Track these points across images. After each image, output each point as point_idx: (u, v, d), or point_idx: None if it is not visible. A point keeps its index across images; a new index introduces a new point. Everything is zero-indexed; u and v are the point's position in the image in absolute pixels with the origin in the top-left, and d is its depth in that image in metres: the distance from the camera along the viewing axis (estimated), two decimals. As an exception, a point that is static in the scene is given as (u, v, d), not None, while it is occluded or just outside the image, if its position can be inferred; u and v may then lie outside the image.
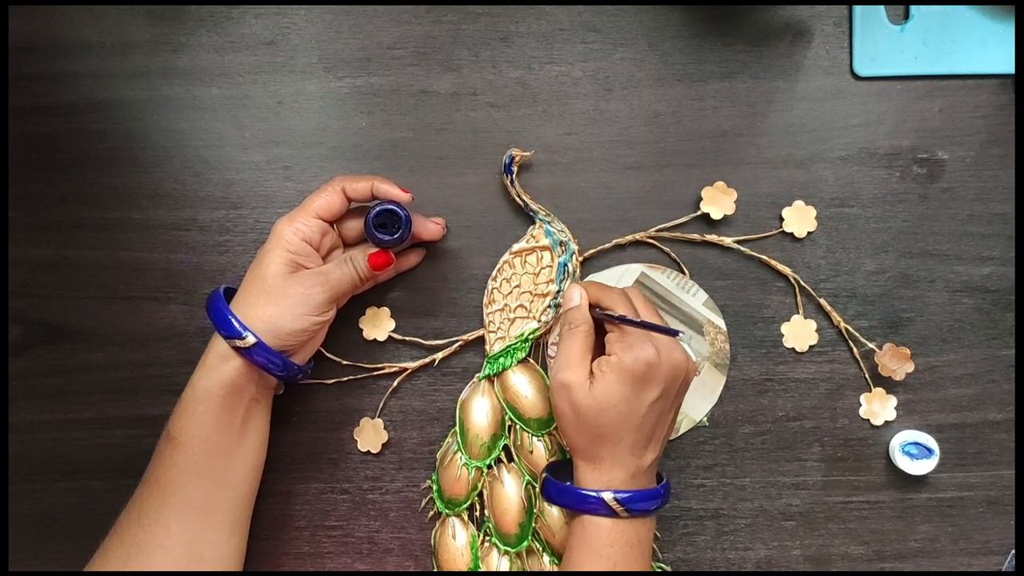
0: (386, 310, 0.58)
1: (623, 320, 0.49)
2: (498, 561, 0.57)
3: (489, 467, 0.57)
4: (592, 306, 0.52)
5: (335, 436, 0.59)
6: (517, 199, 0.57)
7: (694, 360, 0.51)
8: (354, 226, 0.55)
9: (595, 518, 0.48)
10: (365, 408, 0.59)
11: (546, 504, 0.56)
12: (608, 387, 0.47)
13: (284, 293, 0.50)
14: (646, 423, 0.48)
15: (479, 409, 0.57)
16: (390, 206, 0.52)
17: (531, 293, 0.57)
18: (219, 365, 0.50)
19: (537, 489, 0.55)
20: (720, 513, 0.58)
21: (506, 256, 0.57)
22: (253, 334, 0.49)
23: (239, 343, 0.49)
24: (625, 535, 0.48)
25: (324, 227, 0.52)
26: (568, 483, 0.50)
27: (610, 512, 0.48)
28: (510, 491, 0.56)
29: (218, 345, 0.50)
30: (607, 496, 0.48)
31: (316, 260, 0.52)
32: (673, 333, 0.48)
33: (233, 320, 0.49)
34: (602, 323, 0.51)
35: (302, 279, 0.51)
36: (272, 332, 0.49)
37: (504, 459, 0.57)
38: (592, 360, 0.50)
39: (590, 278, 0.58)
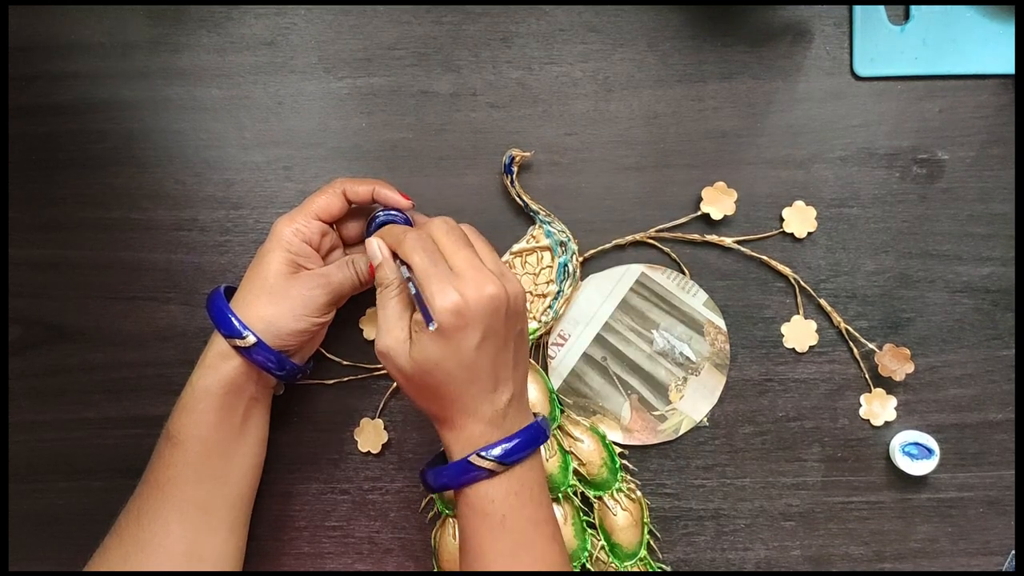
0: (386, 310, 0.58)
1: (409, 279, 0.46)
2: (498, 561, 0.56)
3: (489, 467, 0.57)
4: (396, 256, 0.48)
5: (335, 436, 0.59)
6: (517, 199, 0.57)
7: (517, 284, 0.46)
8: (354, 226, 0.55)
9: (474, 484, 0.45)
10: (365, 408, 0.59)
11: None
12: (423, 348, 0.44)
13: (285, 293, 0.50)
14: (481, 369, 0.44)
15: (479, 409, 0.57)
16: (392, 214, 0.52)
17: (531, 293, 0.57)
18: (219, 364, 0.50)
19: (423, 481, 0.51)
20: (720, 513, 0.58)
21: (506, 256, 0.57)
22: (253, 334, 0.49)
23: (239, 342, 0.49)
24: (504, 486, 0.45)
25: (324, 228, 0.52)
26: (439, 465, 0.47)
27: (486, 472, 0.45)
28: (510, 491, 0.56)
29: (218, 344, 0.50)
30: (473, 459, 0.45)
31: (316, 261, 0.52)
32: (427, 318, 0.43)
33: (233, 319, 0.49)
34: None
35: (304, 280, 0.51)
36: (272, 332, 0.49)
37: (504, 459, 0.57)
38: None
39: (590, 278, 0.58)
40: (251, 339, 0.49)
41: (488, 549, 0.45)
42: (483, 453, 0.45)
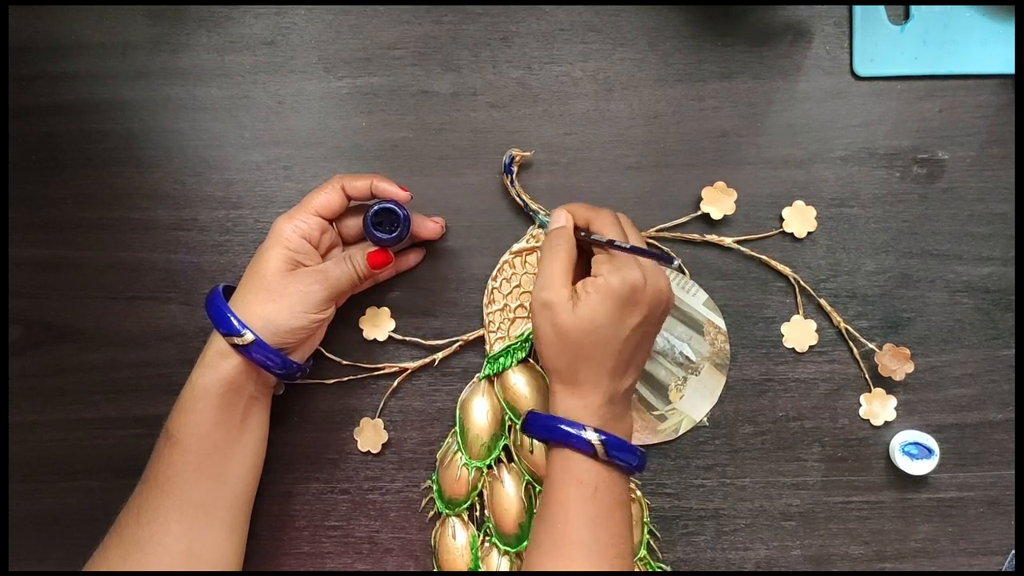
0: (386, 310, 0.58)
1: (613, 245, 0.48)
2: (498, 561, 0.57)
3: (489, 467, 0.57)
4: (580, 229, 0.51)
5: (335, 436, 0.59)
6: (517, 199, 0.57)
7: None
8: (353, 224, 0.55)
9: (576, 453, 0.48)
10: (365, 408, 0.59)
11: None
12: (593, 307, 0.47)
13: (283, 291, 0.50)
14: (627, 347, 0.48)
15: (479, 409, 0.57)
16: (389, 205, 0.52)
17: (531, 293, 0.57)
18: (218, 363, 0.50)
19: (519, 427, 0.53)
20: (720, 513, 0.58)
21: (506, 256, 0.57)
22: (252, 331, 0.49)
23: (238, 340, 0.49)
24: (604, 473, 0.48)
25: (323, 225, 0.52)
26: (550, 415, 0.49)
27: (590, 450, 0.47)
28: (510, 491, 0.56)
29: (217, 343, 0.50)
30: (591, 436, 0.47)
31: (315, 258, 0.52)
32: (668, 260, 0.48)
33: (232, 318, 0.49)
34: (584, 248, 0.51)
35: (301, 277, 0.51)
36: (271, 330, 0.49)
37: (504, 459, 0.57)
38: (574, 284, 0.49)
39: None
40: (249, 337, 0.49)
41: (574, 513, 0.47)
42: (602, 438, 0.47)
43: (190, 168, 0.59)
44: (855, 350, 0.58)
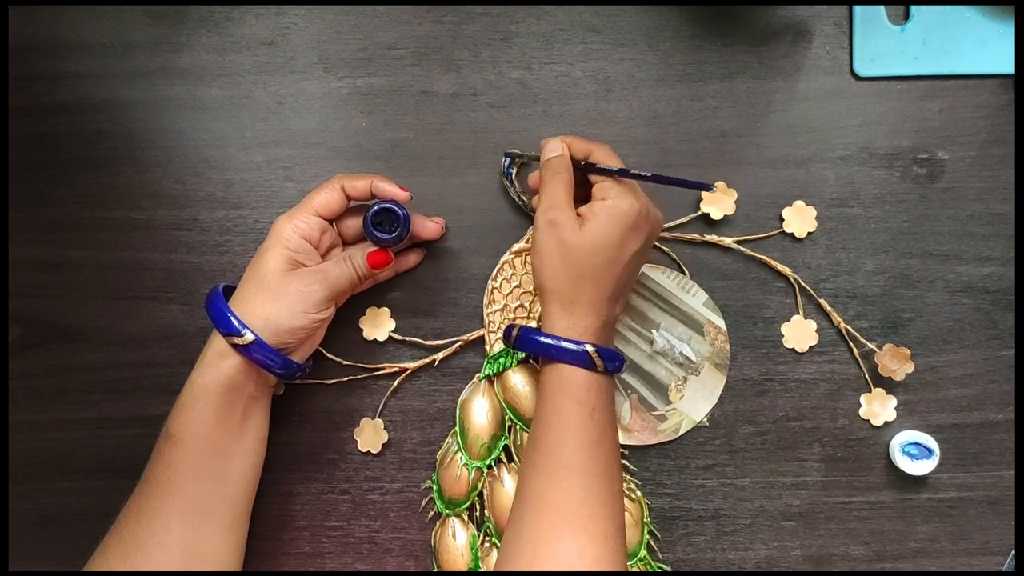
0: (386, 310, 0.58)
1: (629, 174, 0.49)
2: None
3: (489, 467, 0.57)
4: (579, 160, 0.52)
5: (335, 436, 0.59)
6: (517, 199, 0.57)
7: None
8: (353, 224, 0.55)
9: (572, 367, 0.48)
10: (365, 408, 0.59)
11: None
12: (600, 228, 0.48)
13: (283, 290, 0.50)
14: (625, 272, 0.49)
15: (479, 409, 0.57)
16: (388, 205, 0.52)
17: (531, 293, 0.57)
18: (218, 363, 0.50)
19: (510, 339, 0.52)
20: (720, 513, 0.58)
21: (506, 256, 0.57)
22: (252, 331, 0.49)
23: (238, 340, 0.49)
24: (600, 384, 0.49)
25: (323, 225, 0.52)
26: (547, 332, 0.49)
27: (589, 364, 0.48)
28: (510, 491, 0.56)
29: (217, 343, 0.50)
30: (590, 348, 0.48)
31: (315, 258, 0.52)
32: (706, 186, 0.49)
33: (232, 318, 0.49)
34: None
35: (301, 276, 0.51)
36: (271, 330, 0.49)
37: (504, 459, 0.57)
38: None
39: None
40: (249, 336, 0.49)
41: (572, 435, 0.47)
42: (599, 350, 0.48)
43: (190, 168, 0.59)
44: (855, 350, 0.58)
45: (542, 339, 0.49)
